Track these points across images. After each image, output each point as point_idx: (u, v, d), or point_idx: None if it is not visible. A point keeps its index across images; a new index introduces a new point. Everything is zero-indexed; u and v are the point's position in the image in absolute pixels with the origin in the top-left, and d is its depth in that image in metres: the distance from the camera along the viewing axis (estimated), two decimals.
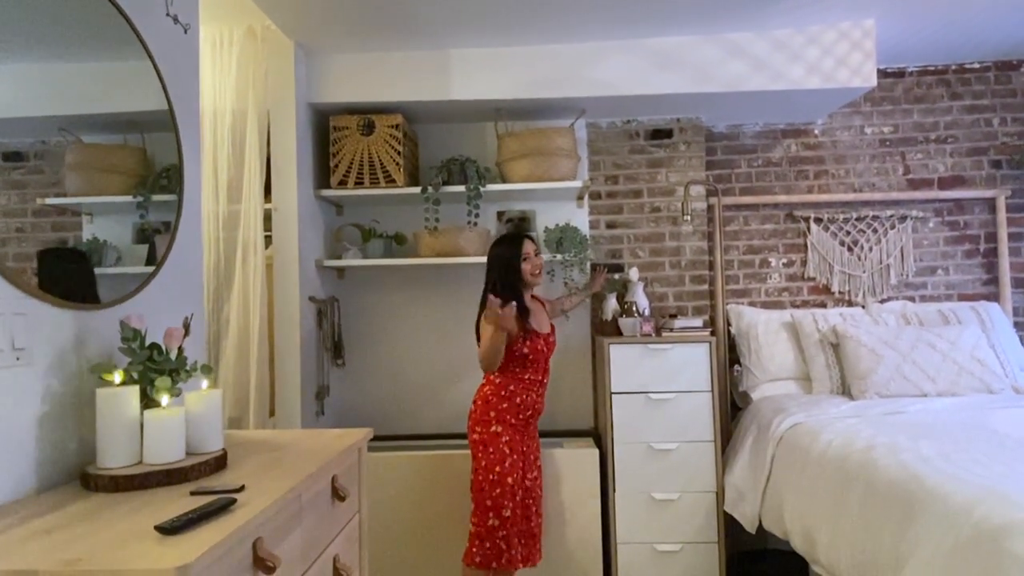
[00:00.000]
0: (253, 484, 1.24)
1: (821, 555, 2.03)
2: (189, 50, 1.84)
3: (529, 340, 2.32)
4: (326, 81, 2.78)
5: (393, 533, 2.66)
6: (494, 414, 2.30)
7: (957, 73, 3.31)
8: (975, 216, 3.29)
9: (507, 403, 2.32)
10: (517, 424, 2.34)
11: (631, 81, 2.80)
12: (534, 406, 2.39)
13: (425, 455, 2.70)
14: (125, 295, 1.53)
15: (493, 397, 2.31)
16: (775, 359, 2.96)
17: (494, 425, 2.30)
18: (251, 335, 2.49)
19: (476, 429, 2.32)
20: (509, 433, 2.31)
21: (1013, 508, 1.39)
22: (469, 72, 2.80)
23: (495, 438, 2.29)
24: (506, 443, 2.29)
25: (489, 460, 2.27)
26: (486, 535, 2.24)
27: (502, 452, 2.28)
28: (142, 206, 1.87)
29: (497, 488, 2.25)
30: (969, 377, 2.63)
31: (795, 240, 3.31)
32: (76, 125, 1.69)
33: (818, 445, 2.19)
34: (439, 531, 2.65)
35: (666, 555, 2.67)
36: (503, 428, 2.30)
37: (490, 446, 2.28)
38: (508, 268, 2.35)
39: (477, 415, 2.32)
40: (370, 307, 3.13)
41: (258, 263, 2.51)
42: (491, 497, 2.25)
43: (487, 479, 2.26)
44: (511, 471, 2.27)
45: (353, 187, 2.81)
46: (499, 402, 2.31)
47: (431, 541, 2.66)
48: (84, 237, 1.74)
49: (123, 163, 1.90)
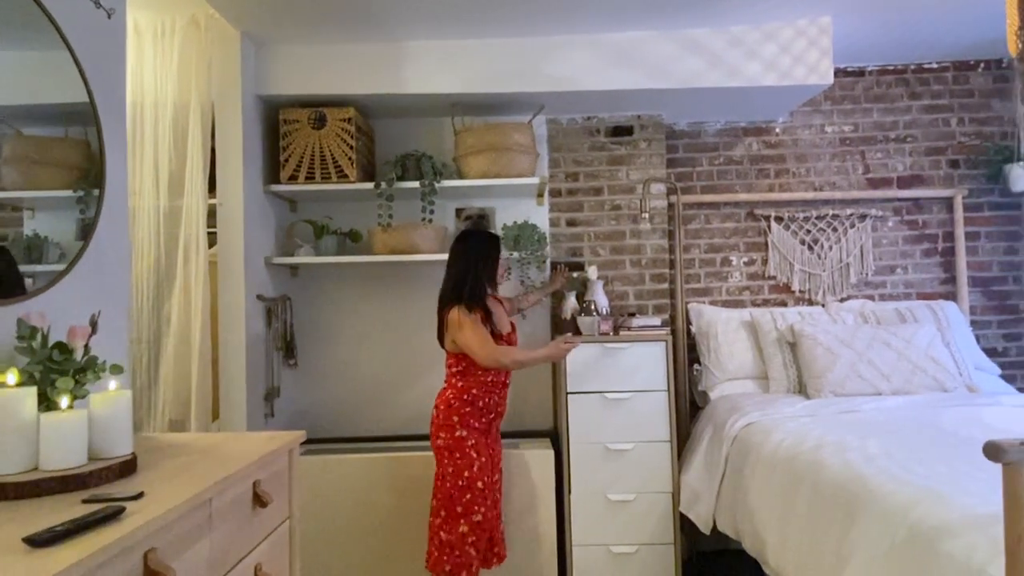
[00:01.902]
0: (156, 491, 1.17)
1: (770, 556, 2.00)
2: (113, 36, 1.76)
3: (502, 341, 2.28)
4: (276, 73, 2.70)
5: (345, 538, 2.59)
6: (457, 419, 2.23)
7: (916, 73, 3.33)
8: (933, 215, 3.30)
9: (470, 407, 2.26)
10: (481, 427, 2.29)
11: (589, 76, 2.77)
12: (497, 408, 2.34)
13: (379, 457, 2.63)
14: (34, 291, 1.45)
15: (456, 401, 2.25)
16: (734, 358, 2.94)
17: (459, 430, 2.23)
18: (193, 335, 2.41)
19: (440, 435, 2.24)
20: (475, 436, 2.25)
21: (949, 508, 1.37)
22: (424, 65, 2.74)
23: (461, 443, 2.22)
24: (472, 447, 2.24)
25: (456, 466, 2.20)
26: (457, 542, 2.17)
27: (469, 457, 2.21)
28: (83, 201, 1.79)
29: (467, 494, 2.19)
30: (923, 375, 2.63)
31: (756, 239, 3.29)
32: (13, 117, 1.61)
33: (769, 444, 2.17)
34: (394, 535, 2.59)
35: (622, 557, 2.63)
36: (468, 432, 2.24)
37: (456, 451, 2.21)
38: (487, 266, 2.30)
39: (440, 420, 2.24)
40: (324, 306, 3.06)
41: (200, 260, 2.43)
42: (461, 503, 2.18)
43: (456, 485, 2.19)
44: (480, 475, 2.22)
45: (304, 182, 2.73)
46: (462, 406, 2.25)
47: (385, 546, 2.59)
48: (25, 233, 1.66)
49: (64, 156, 1.82)
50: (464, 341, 2.21)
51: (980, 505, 1.34)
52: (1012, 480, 1.09)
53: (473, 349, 2.20)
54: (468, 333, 2.20)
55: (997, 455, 1.09)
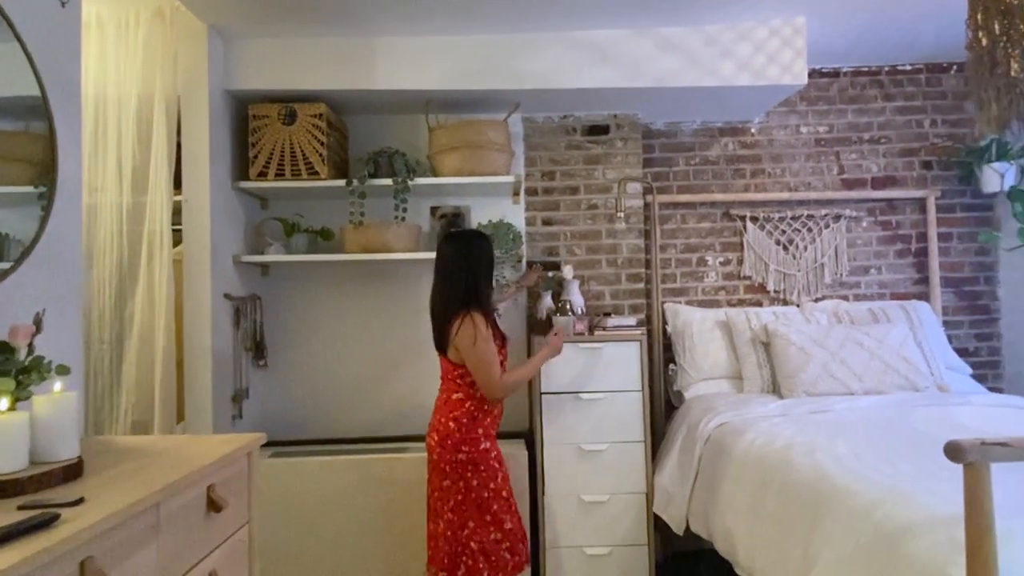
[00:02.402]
0: (98, 496, 1.12)
1: (741, 557, 1.99)
2: (68, 27, 1.70)
3: (502, 343, 2.24)
4: (244, 67, 2.65)
5: (314, 543, 2.54)
6: (481, 431, 2.17)
7: (890, 74, 3.35)
8: (907, 216, 3.32)
9: (490, 417, 2.21)
10: (494, 435, 2.25)
11: (564, 74, 2.74)
12: (502, 416, 2.30)
13: (350, 459, 2.59)
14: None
15: (478, 413, 2.17)
16: (709, 358, 2.94)
17: (483, 442, 2.17)
18: (156, 335, 2.35)
19: (463, 448, 2.14)
20: (495, 447, 2.22)
21: (913, 508, 1.37)
22: (397, 61, 2.70)
23: (485, 455, 2.16)
24: (495, 457, 2.19)
25: (482, 478, 2.14)
26: (491, 550, 2.13)
27: (493, 468, 2.17)
28: (44, 197, 1.73)
29: (495, 504, 2.14)
30: (895, 375, 2.64)
31: (732, 239, 3.29)
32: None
33: (741, 444, 2.16)
34: (365, 539, 2.55)
35: (595, 558, 2.61)
36: (491, 443, 2.20)
37: (481, 464, 2.14)
38: (489, 271, 2.23)
39: (462, 434, 2.14)
40: (296, 305, 3.01)
41: (164, 257, 2.37)
42: (490, 512, 2.14)
43: (481, 496, 2.13)
44: (504, 484, 2.19)
45: (274, 179, 2.68)
46: (484, 417, 2.19)
47: (356, 550, 2.55)
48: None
49: (25, 151, 1.76)
50: (474, 361, 2.10)
51: (943, 505, 1.34)
52: (973, 481, 1.08)
53: (481, 373, 2.10)
54: (480, 353, 2.09)
55: (958, 456, 1.08)
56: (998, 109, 1.11)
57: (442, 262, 2.22)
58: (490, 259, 2.24)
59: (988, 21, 1.12)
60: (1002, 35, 1.10)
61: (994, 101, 1.12)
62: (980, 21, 1.14)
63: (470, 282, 2.16)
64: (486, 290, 2.20)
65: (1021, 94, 1.10)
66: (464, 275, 2.16)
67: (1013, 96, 1.10)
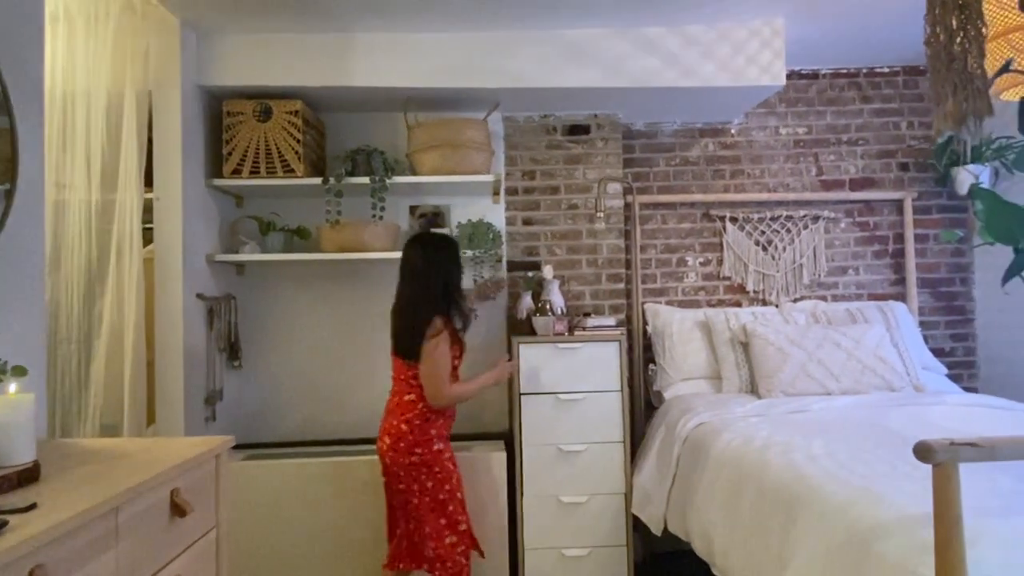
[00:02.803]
0: (53, 501, 1.09)
1: (717, 558, 1.99)
2: (30, 17, 1.65)
3: (461, 348, 2.24)
4: (218, 62, 2.60)
5: (288, 547, 2.50)
6: (434, 432, 2.16)
7: (868, 77, 3.37)
8: (884, 217, 3.35)
9: (443, 418, 2.21)
10: (448, 436, 2.25)
11: (544, 73, 2.73)
12: (455, 417, 2.30)
13: (325, 462, 2.55)
14: None
15: (431, 414, 2.16)
16: (688, 358, 2.94)
17: (436, 443, 2.16)
18: (126, 335, 2.30)
19: (416, 451, 2.13)
20: (448, 448, 2.22)
21: (885, 509, 1.37)
22: (375, 58, 2.67)
23: (439, 456, 2.16)
24: (449, 459, 2.20)
25: (436, 480, 2.14)
26: (446, 555, 2.13)
27: (447, 469, 2.17)
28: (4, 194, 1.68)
29: (450, 505, 2.14)
30: (872, 375, 2.65)
31: (711, 239, 3.30)
32: None
33: (719, 444, 2.16)
34: (340, 543, 2.51)
35: (574, 560, 2.60)
36: (444, 444, 2.20)
37: (435, 466, 2.14)
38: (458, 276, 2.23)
39: (415, 436, 2.13)
40: (272, 305, 2.96)
41: (134, 256, 2.32)
42: (445, 515, 2.14)
43: (437, 499, 2.13)
44: (459, 486, 2.19)
45: (248, 176, 2.64)
46: (437, 418, 2.18)
47: (331, 554, 2.51)
48: None
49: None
50: (430, 365, 2.09)
51: (914, 505, 1.34)
52: (942, 481, 1.08)
53: (433, 379, 2.10)
54: (438, 358, 2.09)
55: (927, 456, 1.08)
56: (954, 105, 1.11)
57: (412, 265, 2.20)
58: (460, 264, 2.27)
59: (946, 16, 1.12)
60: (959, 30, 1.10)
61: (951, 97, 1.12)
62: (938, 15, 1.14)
63: (445, 287, 2.16)
64: (457, 298, 2.20)
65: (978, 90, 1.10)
66: (438, 279, 2.16)
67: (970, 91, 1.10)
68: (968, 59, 1.10)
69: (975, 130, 1.14)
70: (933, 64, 1.18)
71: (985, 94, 1.12)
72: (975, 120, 1.13)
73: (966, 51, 1.10)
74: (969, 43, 1.10)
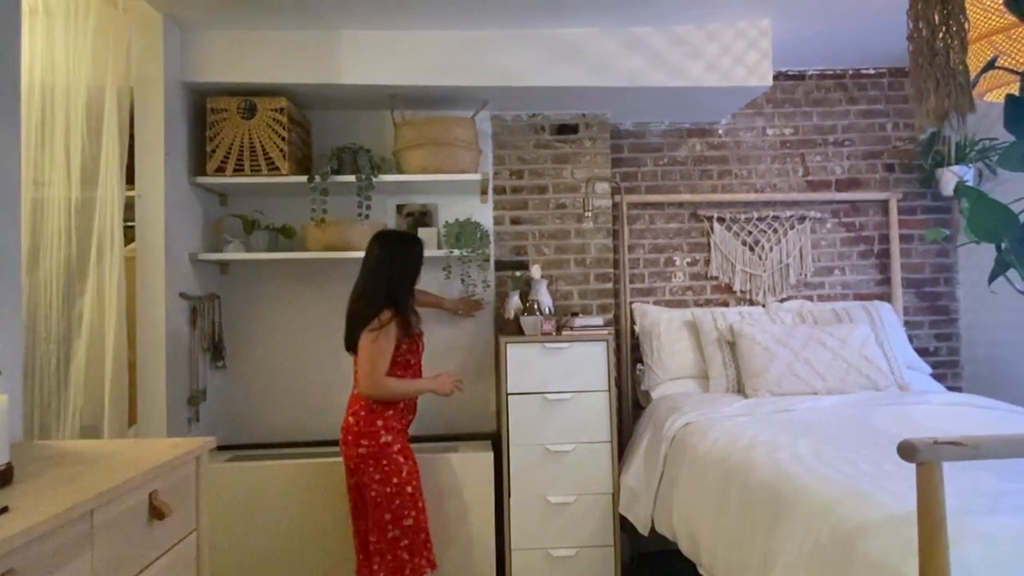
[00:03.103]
0: (27, 504, 1.06)
1: (704, 557, 1.98)
2: (6, 10, 1.62)
3: (413, 343, 2.22)
4: (202, 59, 2.57)
5: (273, 550, 2.47)
6: (381, 423, 2.15)
7: (854, 78, 3.39)
8: (869, 218, 3.37)
9: (392, 409, 2.19)
10: (401, 430, 2.22)
11: (532, 72, 2.72)
12: (414, 410, 2.29)
13: (309, 463, 2.52)
14: None
15: (378, 405, 2.16)
16: (676, 357, 2.94)
17: (383, 435, 2.15)
18: (107, 334, 2.26)
19: (362, 443, 2.14)
20: (400, 441, 2.19)
21: (870, 508, 1.37)
22: (361, 55, 2.65)
23: (386, 449, 2.14)
24: (399, 451, 2.17)
25: (384, 473, 2.12)
26: (387, 549, 2.10)
27: (397, 462, 2.14)
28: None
29: (396, 500, 2.11)
30: (857, 375, 2.67)
31: (699, 239, 3.31)
32: None
33: (705, 444, 2.16)
34: (326, 545, 2.48)
35: (561, 560, 2.59)
36: (393, 436, 2.17)
37: (383, 458, 2.13)
38: (409, 271, 2.23)
39: (361, 427, 2.15)
40: (256, 305, 2.93)
41: (115, 255, 2.28)
42: (390, 510, 2.11)
43: (383, 493, 2.11)
44: (409, 480, 2.15)
45: (232, 174, 2.61)
46: (384, 409, 2.17)
47: (316, 556, 2.48)
48: None
49: None
50: (366, 353, 2.12)
51: (899, 504, 1.34)
52: (925, 479, 1.08)
53: (367, 366, 2.12)
54: (375, 348, 2.11)
55: (911, 455, 1.07)
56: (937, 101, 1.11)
57: (367, 259, 2.24)
58: (418, 263, 2.27)
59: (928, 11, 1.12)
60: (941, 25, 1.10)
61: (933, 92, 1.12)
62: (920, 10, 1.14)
63: (393, 283, 2.17)
64: (407, 295, 2.21)
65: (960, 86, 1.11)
66: (389, 276, 2.18)
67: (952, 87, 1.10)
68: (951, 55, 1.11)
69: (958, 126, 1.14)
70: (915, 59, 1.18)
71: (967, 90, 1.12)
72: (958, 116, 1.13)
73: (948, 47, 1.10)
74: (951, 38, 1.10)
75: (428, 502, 2.51)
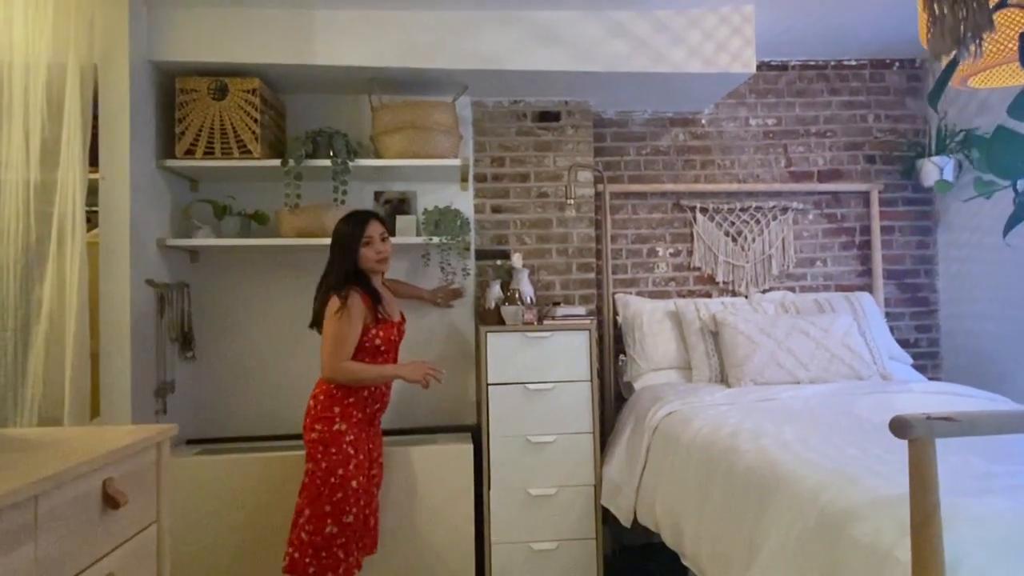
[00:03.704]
0: None
1: (687, 547, 1.94)
2: None
3: (381, 330, 2.14)
4: (171, 37, 2.47)
5: (242, 544, 2.38)
6: (339, 409, 2.09)
7: (836, 69, 3.39)
8: (851, 209, 3.36)
9: (353, 396, 2.11)
10: (362, 420, 2.15)
11: (513, 55, 2.66)
12: (382, 399, 2.21)
13: (284, 456, 2.44)
14: None
15: (337, 391, 2.10)
16: (659, 348, 2.90)
17: (338, 423, 2.08)
18: (67, 323, 2.16)
19: (315, 427, 2.09)
20: (354, 431, 2.11)
21: (857, 491, 1.33)
22: (337, 35, 2.57)
23: (338, 437, 2.07)
24: (350, 443, 2.09)
25: (331, 462, 2.05)
26: (323, 544, 2.02)
27: (346, 453, 2.06)
28: None
29: (339, 492, 2.04)
30: (840, 364, 2.65)
31: (682, 230, 3.27)
32: None
33: (688, 433, 2.12)
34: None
35: (542, 554, 2.53)
36: (348, 426, 2.09)
37: (332, 446, 2.06)
38: (346, 252, 2.15)
39: (317, 411, 2.09)
40: (228, 293, 2.83)
41: (77, 239, 2.18)
42: (331, 503, 2.03)
43: (327, 483, 2.04)
44: (355, 474, 2.07)
45: (202, 157, 2.51)
46: (345, 396, 2.10)
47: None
48: None
49: None
50: (326, 334, 2.08)
51: (888, 487, 1.31)
52: (918, 456, 1.04)
53: (326, 347, 2.07)
54: (336, 329, 2.05)
55: (904, 431, 1.04)
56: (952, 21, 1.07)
57: (332, 240, 2.20)
58: (346, 239, 2.18)
59: None
60: None
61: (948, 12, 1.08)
62: None
63: (342, 259, 2.13)
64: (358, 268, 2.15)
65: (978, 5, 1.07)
66: (348, 253, 2.13)
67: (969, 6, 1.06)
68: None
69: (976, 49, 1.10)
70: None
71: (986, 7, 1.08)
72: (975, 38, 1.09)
73: None
74: None
75: (405, 495, 2.45)
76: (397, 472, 2.44)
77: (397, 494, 2.44)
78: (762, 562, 1.47)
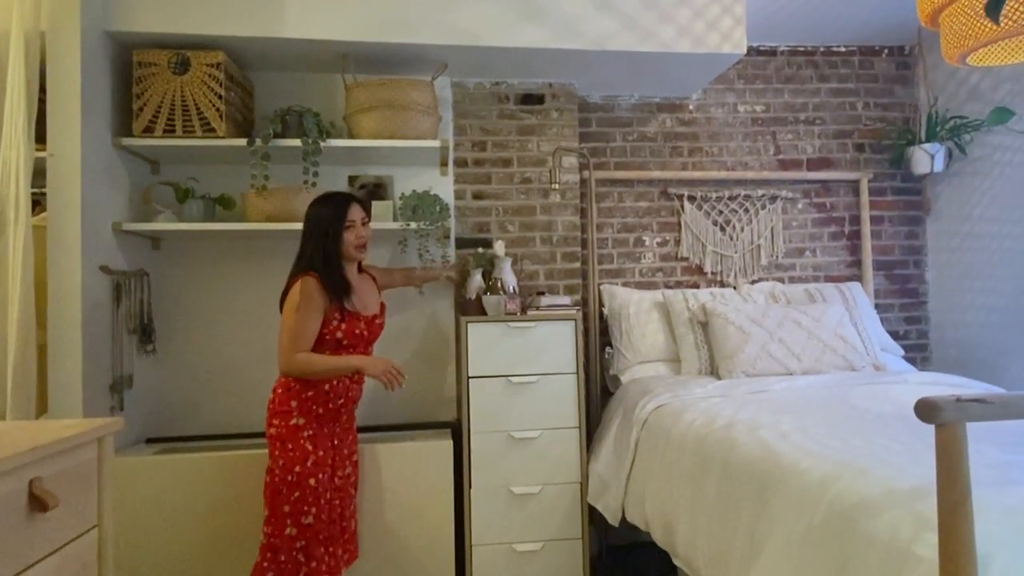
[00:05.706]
0: None
1: (680, 547, 1.83)
2: None
3: (345, 322, 1.99)
4: (127, 6, 2.30)
5: (201, 548, 2.22)
6: (296, 403, 1.95)
7: (825, 55, 3.31)
8: (840, 198, 3.29)
9: (313, 390, 1.97)
10: (325, 415, 2.01)
11: (494, 31, 2.52)
12: (347, 393, 2.05)
13: (248, 455, 2.28)
14: None
15: (296, 384, 1.96)
16: (646, 340, 2.80)
17: (295, 417, 1.95)
18: (10, 311, 1.98)
19: (273, 422, 1.96)
20: (314, 427, 1.97)
21: (870, 484, 1.23)
22: (308, 7, 2.41)
23: (295, 432, 1.94)
24: (309, 438, 1.95)
25: (288, 459, 1.92)
26: (281, 546, 1.90)
27: (304, 449, 1.93)
28: None
29: (296, 491, 1.90)
30: (832, 355, 2.56)
31: (669, 218, 3.17)
32: None
33: (680, 426, 2.01)
34: (259, 538, 2.24)
35: (526, 555, 2.41)
36: (307, 421, 1.96)
37: (289, 442, 1.93)
38: (328, 237, 2.00)
39: (275, 406, 1.96)
40: (191, 282, 2.66)
41: (21, 222, 2.00)
42: (289, 502, 1.90)
43: (284, 481, 1.91)
44: (314, 471, 1.94)
45: (162, 135, 2.35)
46: (304, 389, 1.96)
47: (250, 550, 2.24)
48: None
49: None
50: (284, 324, 1.94)
51: (901, 479, 1.21)
52: (947, 443, 0.93)
53: (283, 338, 1.93)
54: (293, 319, 1.90)
55: (932, 415, 0.93)
56: None
57: (307, 223, 2.06)
58: (326, 223, 2.03)
59: None
60: None
61: None
62: None
63: (317, 243, 1.99)
64: (331, 260, 2.00)
65: None
66: (329, 238, 2.00)
67: None
68: None
69: None
70: None
71: None
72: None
73: None
74: None
75: (380, 496, 2.31)
76: (372, 471, 2.30)
77: (372, 494, 2.30)
78: (765, 560, 1.36)
